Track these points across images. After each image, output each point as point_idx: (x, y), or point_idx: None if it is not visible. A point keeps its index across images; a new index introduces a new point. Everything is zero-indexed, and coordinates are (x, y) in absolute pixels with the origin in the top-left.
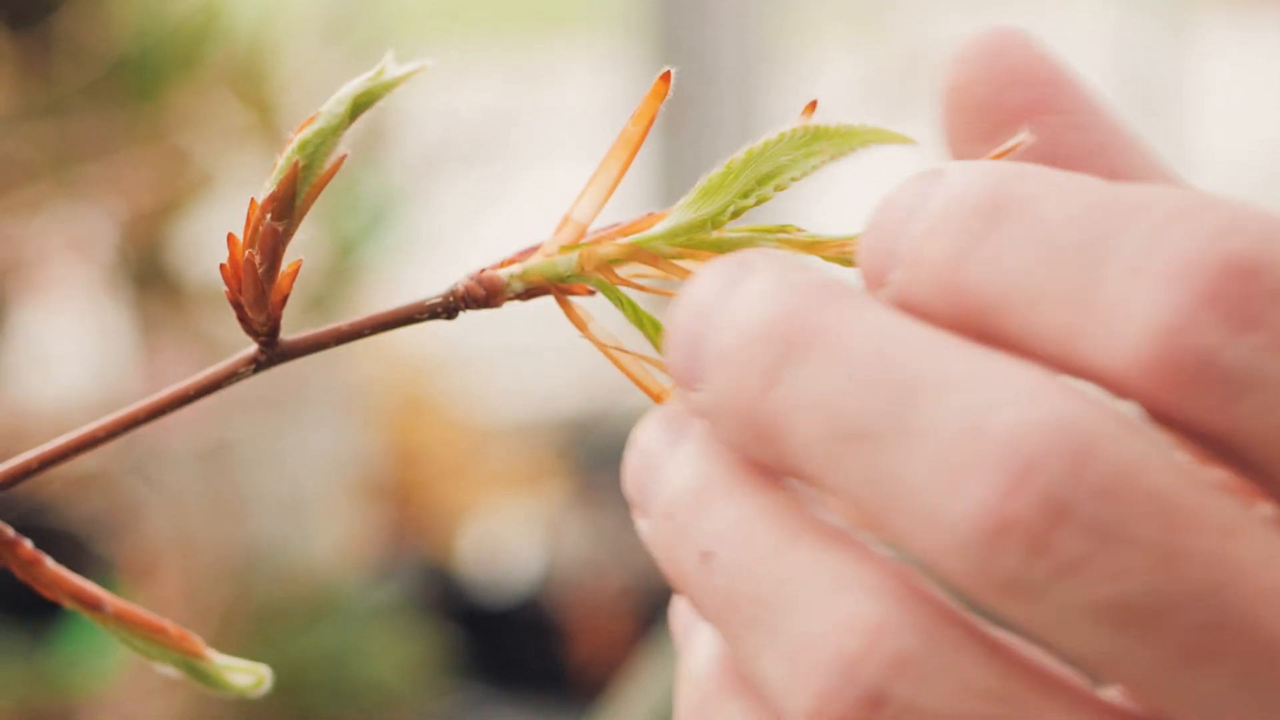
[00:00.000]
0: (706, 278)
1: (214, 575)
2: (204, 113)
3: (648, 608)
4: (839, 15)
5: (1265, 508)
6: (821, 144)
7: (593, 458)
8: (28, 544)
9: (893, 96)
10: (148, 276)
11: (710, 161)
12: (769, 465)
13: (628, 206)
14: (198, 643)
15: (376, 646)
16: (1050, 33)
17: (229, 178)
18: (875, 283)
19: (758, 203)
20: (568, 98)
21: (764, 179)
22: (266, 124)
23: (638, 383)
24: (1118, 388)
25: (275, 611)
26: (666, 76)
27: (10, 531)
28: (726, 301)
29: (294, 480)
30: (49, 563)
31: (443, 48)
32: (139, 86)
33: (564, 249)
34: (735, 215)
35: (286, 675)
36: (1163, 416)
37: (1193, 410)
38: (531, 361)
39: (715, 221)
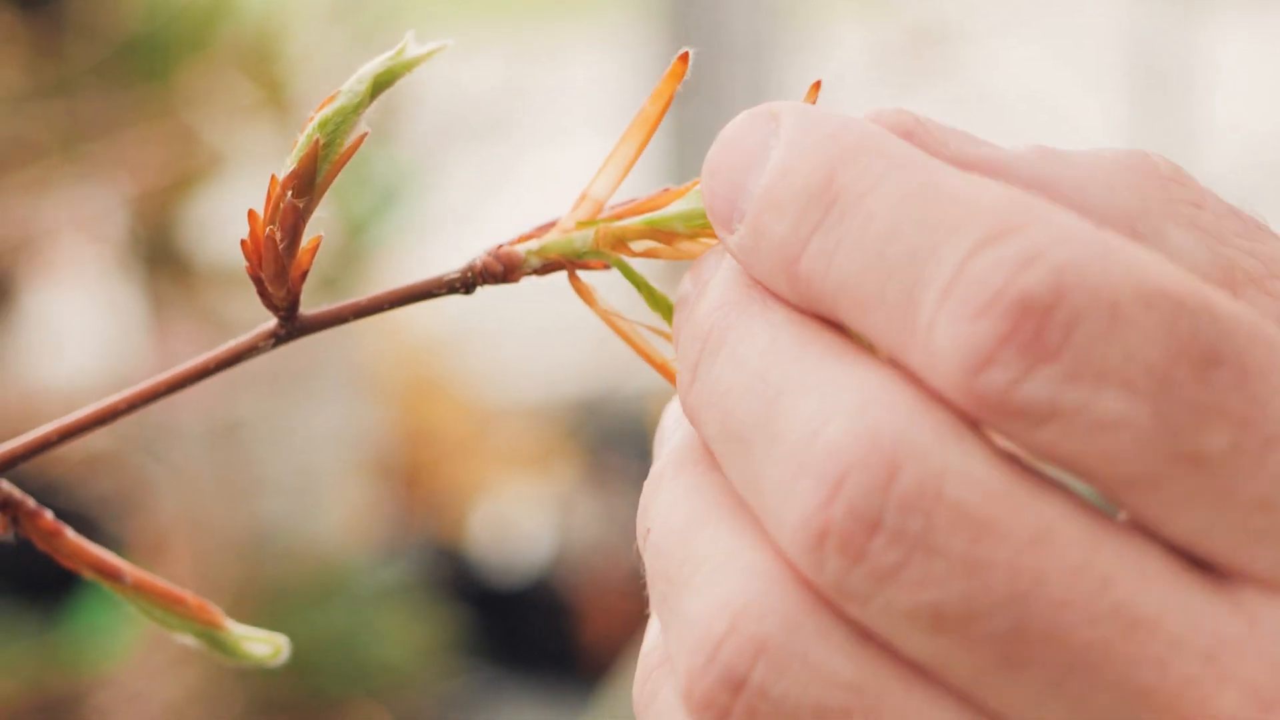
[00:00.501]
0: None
1: (224, 554)
2: (213, 92)
3: None
4: None
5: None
6: None
7: (602, 437)
8: (49, 515)
9: (903, 71)
10: (158, 255)
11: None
12: None
13: (639, 178)
14: (216, 613)
15: (386, 626)
16: (1062, 15)
17: (238, 156)
18: (723, 227)
19: None
20: (578, 75)
21: None
22: (276, 103)
23: (646, 358)
24: (943, 402)
25: (285, 591)
26: (684, 58)
27: (32, 503)
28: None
29: (304, 460)
30: (69, 533)
31: (453, 26)
32: (149, 65)
33: (581, 225)
34: None
35: (296, 655)
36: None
37: (1006, 433)
38: (541, 341)
39: None
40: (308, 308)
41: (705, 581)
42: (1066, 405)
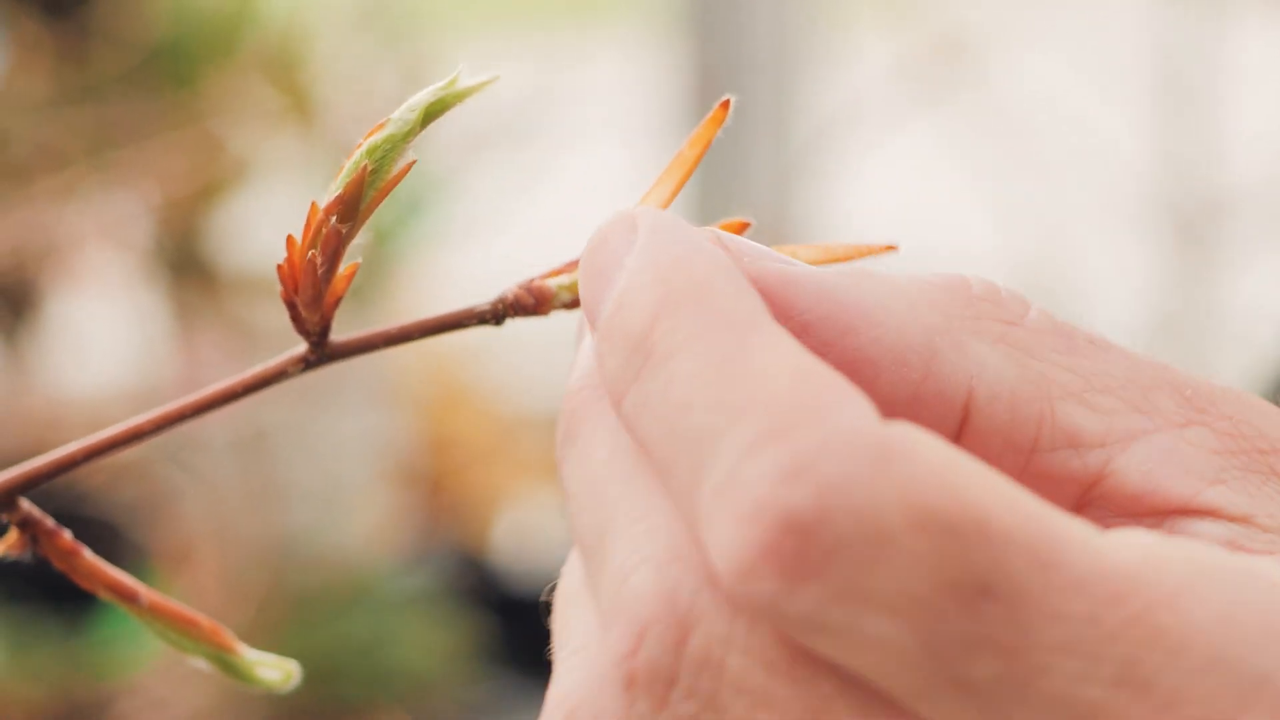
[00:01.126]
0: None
1: (249, 563)
2: (239, 99)
3: None
4: (874, 0)
5: None
6: None
7: None
8: (67, 534)
9: (927, 81)
10: (183, 263)
11: (745, 148)
12: None
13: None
14: (229, 637)
15: (410, 634)
16: (1087, 24)
17: (263, 164)
18: (589, 321)
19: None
20: (602, 81)
21: None
22: (300, 110)
23: None
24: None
25: (309, 599)
26: (726, 104)
27: (50, 522)
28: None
29: (328, 468)
30: (87, 553)
31: (477, 33)
32: (174, 73)
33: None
34: None
35: (320, 662)
36: None
37: (784, 631)
38: (565, 350)
39: None
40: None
41: (562, 663)
42: (832, 623)
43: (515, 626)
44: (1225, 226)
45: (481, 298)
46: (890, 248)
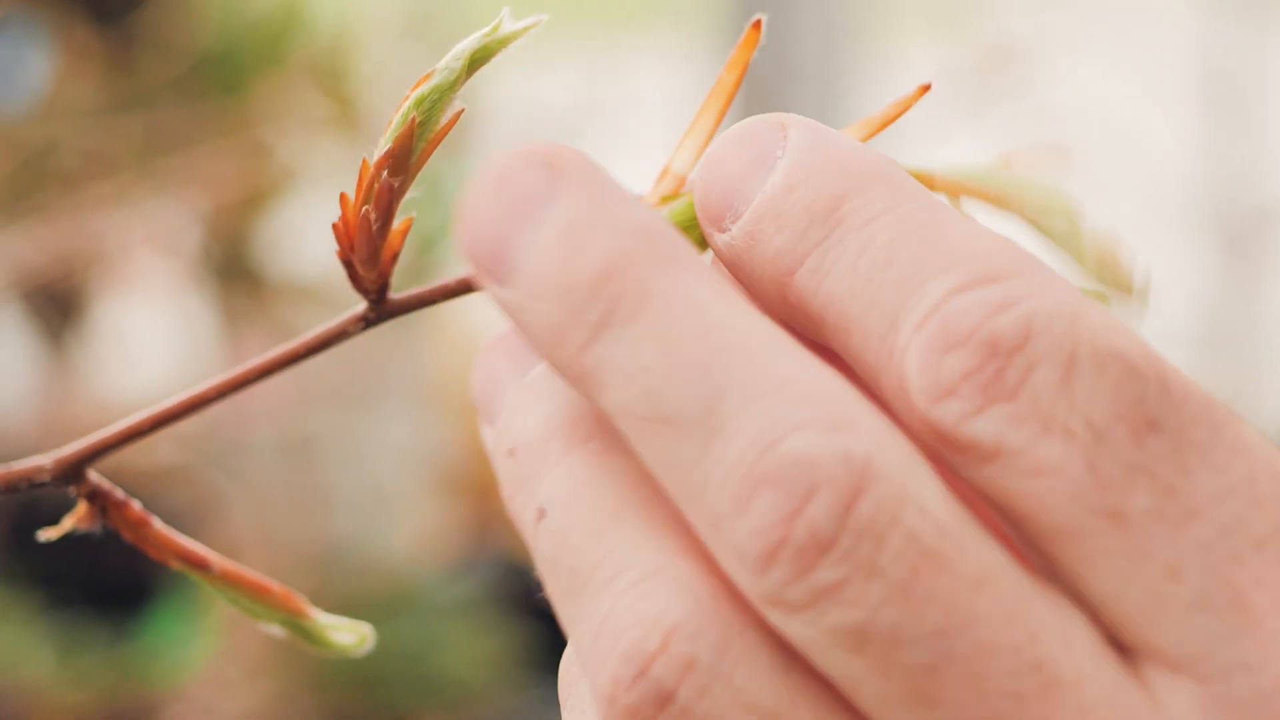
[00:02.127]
0: (510, 171)
1: (295, 568)
2: (286, 107)
3: None
4: (921, 9)
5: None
6: None
7: None
8: (136, 505)
9: (974, 90)
10: (231, 269)
11: None
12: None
13: None
14: (301, 601)
15: (456, 641)
16: (1134, 32)
17: (310, 171)
18: (711, 222)
19: None
20: (647, 90)
21: None
22: (347, 118)
23: None
24: (908, 431)
25: (355, 605)
26: (757, 25)
27: (119, 493)
28: (539, 216)
29: (374, 474)
30: (157, 524)
31: (522, 41)
32: (222, 80)
33: (664, 200)
34: None
35: (365, 669)
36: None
37: (955, 466)
38: None
39: None
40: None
41: (631, 590)
42: (1010, 445)
43: (560, 634)
44: (1273, 235)
45: None
46: (925, 88)
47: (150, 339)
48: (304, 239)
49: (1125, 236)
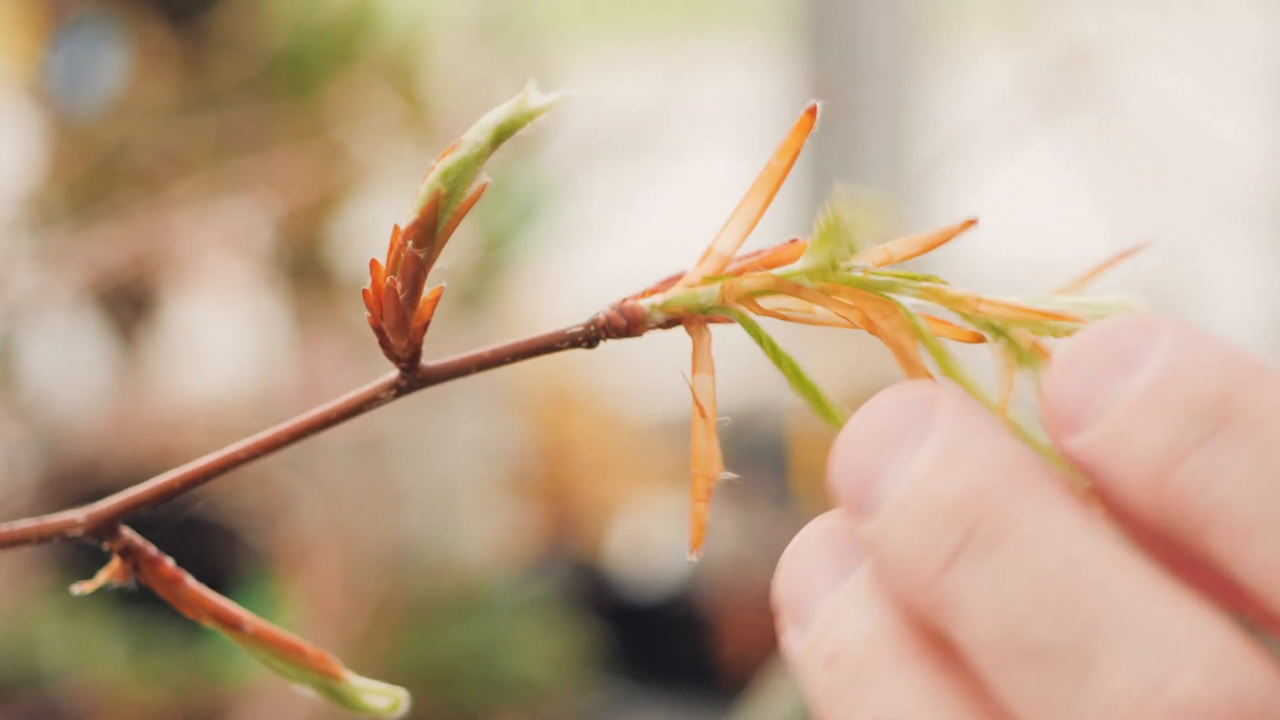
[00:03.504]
0: (885, 410)
1: (367, 568)
2: (358, 107)
3: None
4: (994, 8)
5: None
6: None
7: (743, 454)
8: (169, 562)
9: (1048, 93)
10: (303, 270)
11: (860, 161)
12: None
13: (775, 208)
14: (335, 664)
15: (525, 641)
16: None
17: (382, 172)
18: (1065, 426)
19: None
20: (718, 91)
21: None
22: (418, 119)
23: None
24: None
25: (426, 604)
26: (813, 111)
27: (152, 550)
28: (909, 451)
29: (445, 474)
30: (190, 581)
31: (594, 42)
32: (295, 81)
33: (706, 280)
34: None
35: (436, 668)
36: None
37: None
38: (683, 357)
39: (848, 257)
40: (445, 324)
41: None
42: None
43: (630, 634)
44: None
45: (584, 309)
46: (970, 223)
47: (222, 339)
48: (375, 240)
49: (1197, 236)
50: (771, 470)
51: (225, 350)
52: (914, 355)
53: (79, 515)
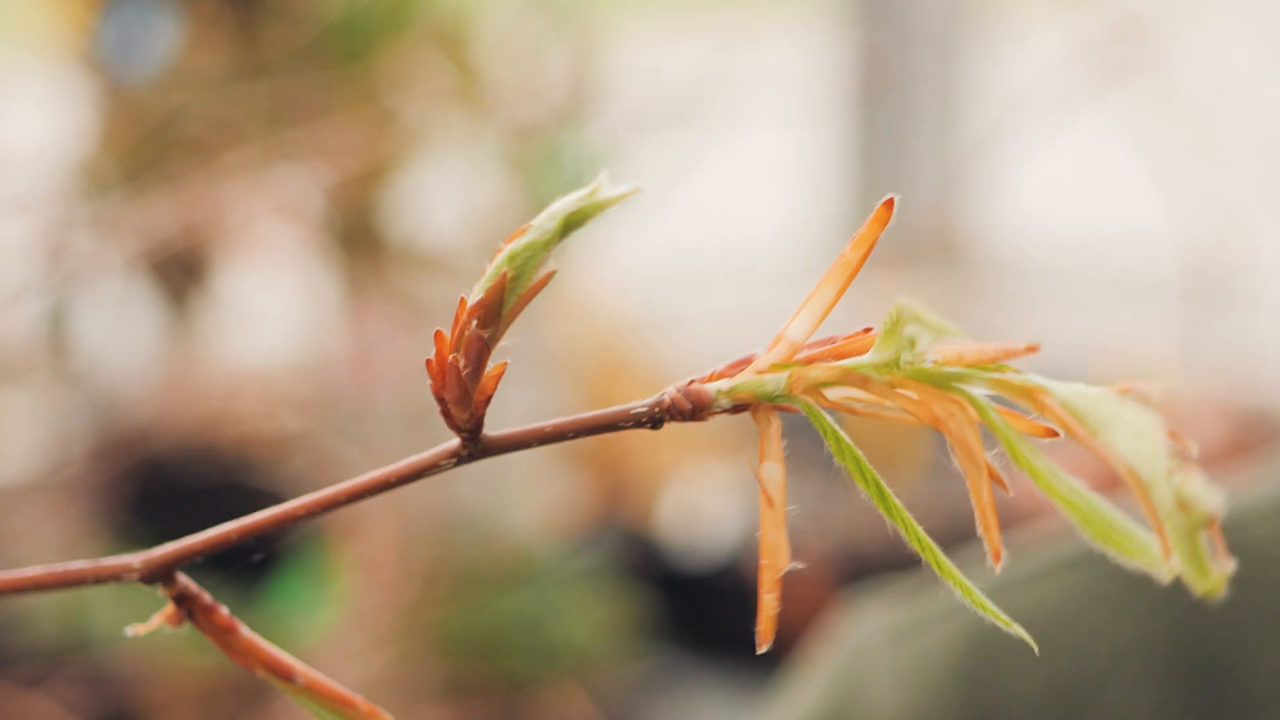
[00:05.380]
0: None
1: (418, 537)
2: (410, 76)
3: (846, 575)
4: None
5: None
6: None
7: (792, 425)
8: (223, 611)
9: (1100, 62)
10: (354, 238)
11: (910, 134)
12: None
13: (824, 180)
14: (385, 717)
15: (575, 610)
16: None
17: (434, 140)
18: None
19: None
20: (768, 64)
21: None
22: (470, 87)
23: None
24: None
25: (477, 574)
26: (889, 204)
27: (207, 597)
28: None
29: None
30: (243, 630)
31: (645, 13)
32: (347, 49)
33: (775, 367)
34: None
35: (486, 637)
36: None
37: None
38: (733, 326)
39: (916, 351)
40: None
41: None
42: None
43: (680, 603)
44: None
45: (634, 282)
46: (1033, 348)
47: (273, 307)
48: (427, 208)
49: (1253, 209)
50: (819, 440)
51: (276, 318)
52: (978, 453)
53: (135, 560)
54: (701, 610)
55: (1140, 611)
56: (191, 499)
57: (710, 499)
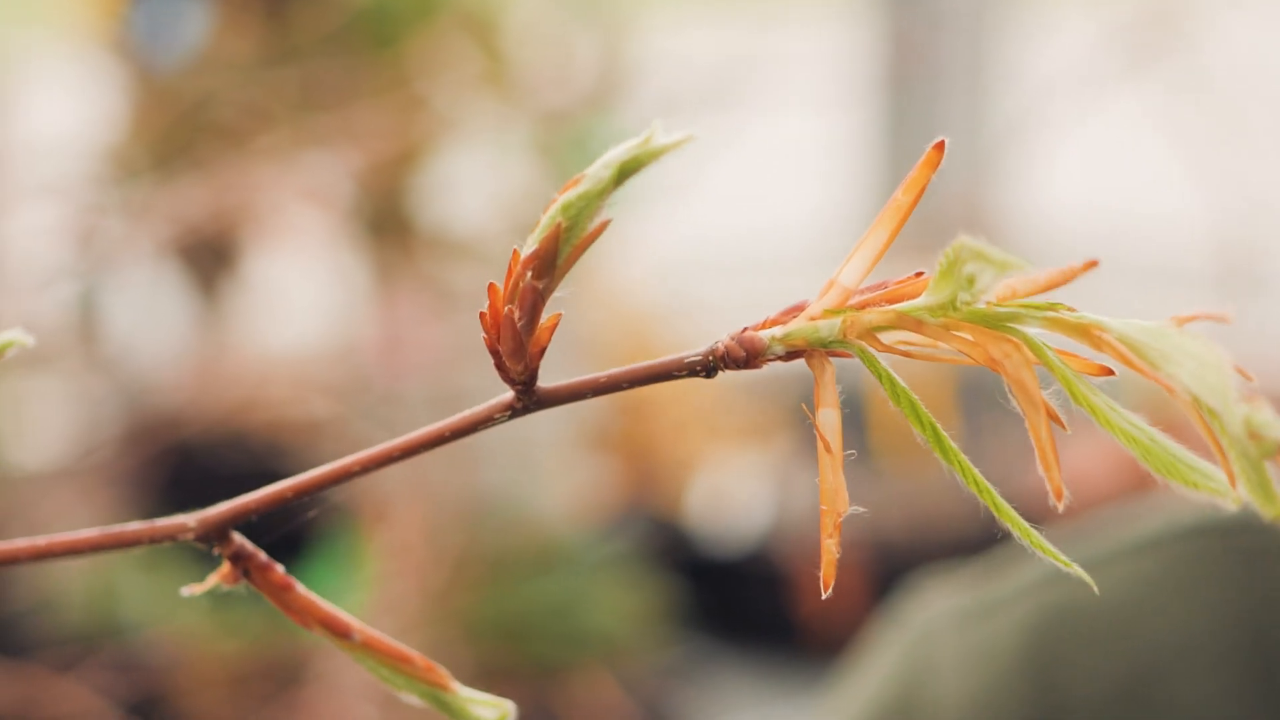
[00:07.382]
0: None
1: (447, 523)
2: (439, 61)
3: (876, 561)
4: None
5: None
6: None
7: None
8: (279, 569)
9: (1130, 50)
10: (383, 223)
11: (940, 118)
12: None
13: (854, 166)
14: (443, 674)
15: (604, 596)
16: None
17: (464, 126)
18: None
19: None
20: (799, 47)
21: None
22: (500, 73)
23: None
24: None
25: (506, 560)
26: (940, 146)
27: (263, 556)
28: None
29: (525, 429)
30: (299, 589)
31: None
32: (377, 35)
33: (828, 313)
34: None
35: (515, 623)
36: None
37: None
38: (761, 313)
39: (970, 292)
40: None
41: None
42: None
43: (709, 589)
44: None
45: (666, 263)
46: (1092, 264)
47: (303, 292)
48: (456, 193)
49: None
50: (850, 426)
51: (305, 304)
52: (1036, 393)
53: (190, 520)
54: (730, 597)
55: (1211, 600)
56: (221, 484)
57: (739, 486)
